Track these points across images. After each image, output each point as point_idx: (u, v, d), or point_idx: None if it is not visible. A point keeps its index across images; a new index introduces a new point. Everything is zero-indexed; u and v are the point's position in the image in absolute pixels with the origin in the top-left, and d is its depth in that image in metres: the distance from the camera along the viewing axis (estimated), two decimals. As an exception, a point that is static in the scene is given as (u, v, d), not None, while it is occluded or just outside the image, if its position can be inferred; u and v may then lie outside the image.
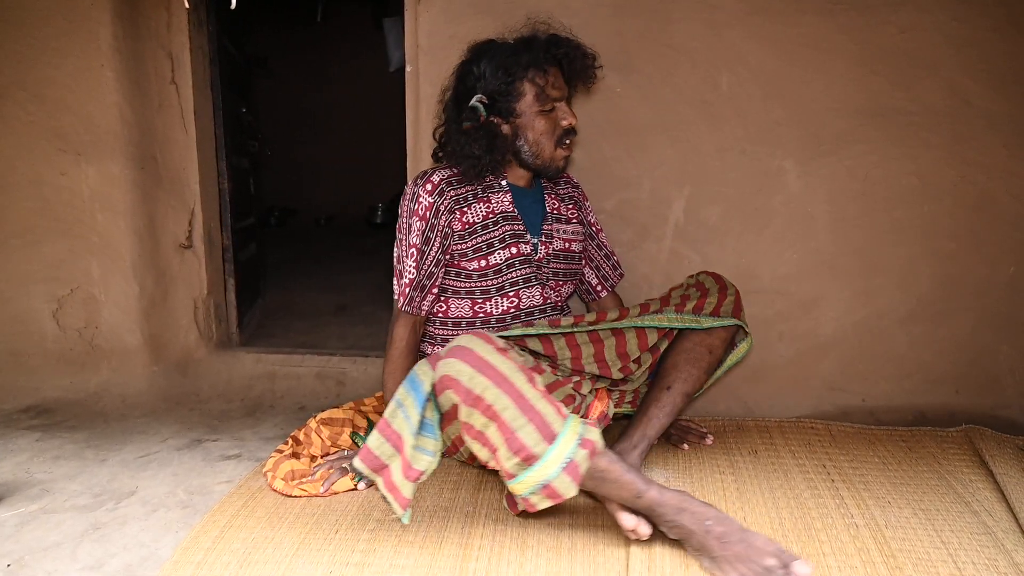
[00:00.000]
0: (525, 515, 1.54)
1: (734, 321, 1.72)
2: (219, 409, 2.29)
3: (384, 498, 1.36)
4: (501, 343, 1.36)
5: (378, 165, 6.24)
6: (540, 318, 1.78)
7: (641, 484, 1.34)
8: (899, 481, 1.68)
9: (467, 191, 1.72)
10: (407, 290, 1.72)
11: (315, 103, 6.65)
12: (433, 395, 1.35)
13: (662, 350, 1.76)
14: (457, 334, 1.76)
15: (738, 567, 1.26)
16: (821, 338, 2.12)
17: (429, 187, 1.69)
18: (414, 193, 1.70)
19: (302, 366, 2.48)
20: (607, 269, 1.98)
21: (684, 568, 1.34)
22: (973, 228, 2.03)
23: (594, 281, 1.98)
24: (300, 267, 4.48)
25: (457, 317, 1.77)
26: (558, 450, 1.28)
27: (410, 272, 1.71)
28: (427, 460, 1.36)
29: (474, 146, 1.68)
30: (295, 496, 1.63)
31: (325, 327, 3.14)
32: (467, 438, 1.35)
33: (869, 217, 2.05)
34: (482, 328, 1.75)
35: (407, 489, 1.33)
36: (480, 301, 1.75)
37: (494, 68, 1.68)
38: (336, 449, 1.80)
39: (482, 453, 1.34)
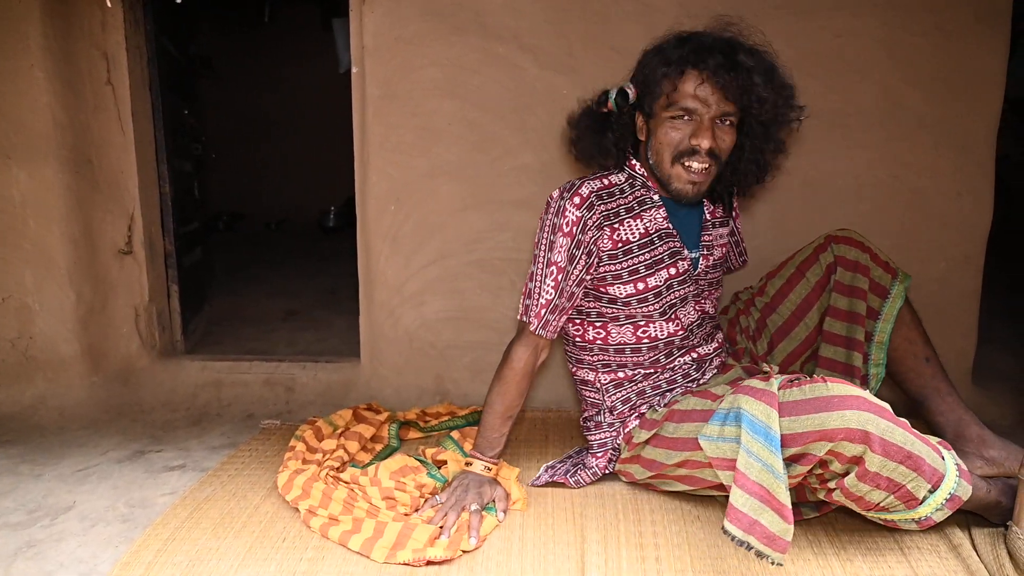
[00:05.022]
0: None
1: (902, 287, 1.64)
2: (163, 419, 2.23)
3: (758, 553, 1.21)
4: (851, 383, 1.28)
5: (330, 168, 6.15)
6: (699, 332, 1.68)
7: (984, 481, 1.40)
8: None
9: (618, 205, 1.56)
10: (543, 312, 1.56)
11: (265, 105, 6.53)
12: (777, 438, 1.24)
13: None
14: (620, 359, 1.65)
15: None
16: (765, 334, 2.17)
17: (577, 200, 1.52)
18: (559, 207, 1.53)
19: (250, 373, 2.43)
20: (733, 256, 1.87)
21: (640, 563, 1.36)
22: (905, 226, 2.11)
23: None
24: (249, 272, 4.39)
25: (620, 344, 1.64)
26: (948, 461, 1.27)
27: (548, 293, 1.55)
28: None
29: (585, 131, 1.63)
30: (431, 562, 1.37)
31: (274, 333, 3.09)
32: (863, 488, 1.23)
33: (808, 216, 2.11)
34: (649, 353, 1.63)
35: (788, 534, 1.20)
36: (643, 324, 1.61)
37: (650, 56, 1.54)
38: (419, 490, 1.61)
39: (875, 496, 1.24)
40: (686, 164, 1.51)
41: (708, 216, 1.67)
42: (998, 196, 2.11)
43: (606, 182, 1.59)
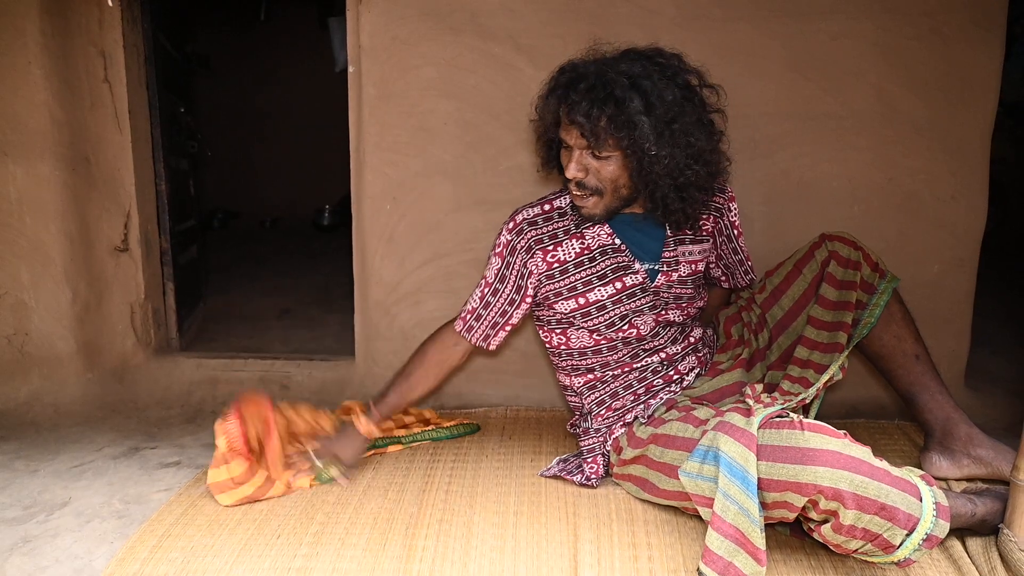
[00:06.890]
0: (469, 514, 1.54)
1: (890, 286, 1.66)
2: (158, 416, 2.23)
3: None
4: (830, 427, 1.25)
5: (325, 166, 6.14)
6: (664, 335, 1.69)
7: (968, 502, 1.39)
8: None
9: (556, 228, 1.65)
10: (467, 316, 1.74)
11: (260, 103, 6.52)
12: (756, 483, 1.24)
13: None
14: (586, 363, 1.71)
15: None
16: (759, 335, 2.17)
17: (511, 225, 1.67)
18: (500, 230, 1.69)
19: (244, 370, 2.43)
20: (738, 274, 1.84)
21: (633, 562, 1.37)
22: (900, 228, 2.12)
23: (718, 273, 1.85)
24: (244, 270, 4.39)
25: (581, 347, 1.70)
26: (926, 501, 1.23)
27: (474, 301, 1.73)
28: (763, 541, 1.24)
29: (541, 147, 1.69)
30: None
31: (268, 331, 3.09)
32: (839, 539, 1.23)
33: (803, 218, 2.12)
34: (610, 354, 1.68)
35: None
36: (598, 329, 1.67)
37: (544, 86, 1.57)
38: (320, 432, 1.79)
39: (852, 544, 1.24)
40: (573, 191, 1.57)
41: (670, 232, 1.66)
42: (993, 198, 2.12)
43: (548, 207, 1.67)
